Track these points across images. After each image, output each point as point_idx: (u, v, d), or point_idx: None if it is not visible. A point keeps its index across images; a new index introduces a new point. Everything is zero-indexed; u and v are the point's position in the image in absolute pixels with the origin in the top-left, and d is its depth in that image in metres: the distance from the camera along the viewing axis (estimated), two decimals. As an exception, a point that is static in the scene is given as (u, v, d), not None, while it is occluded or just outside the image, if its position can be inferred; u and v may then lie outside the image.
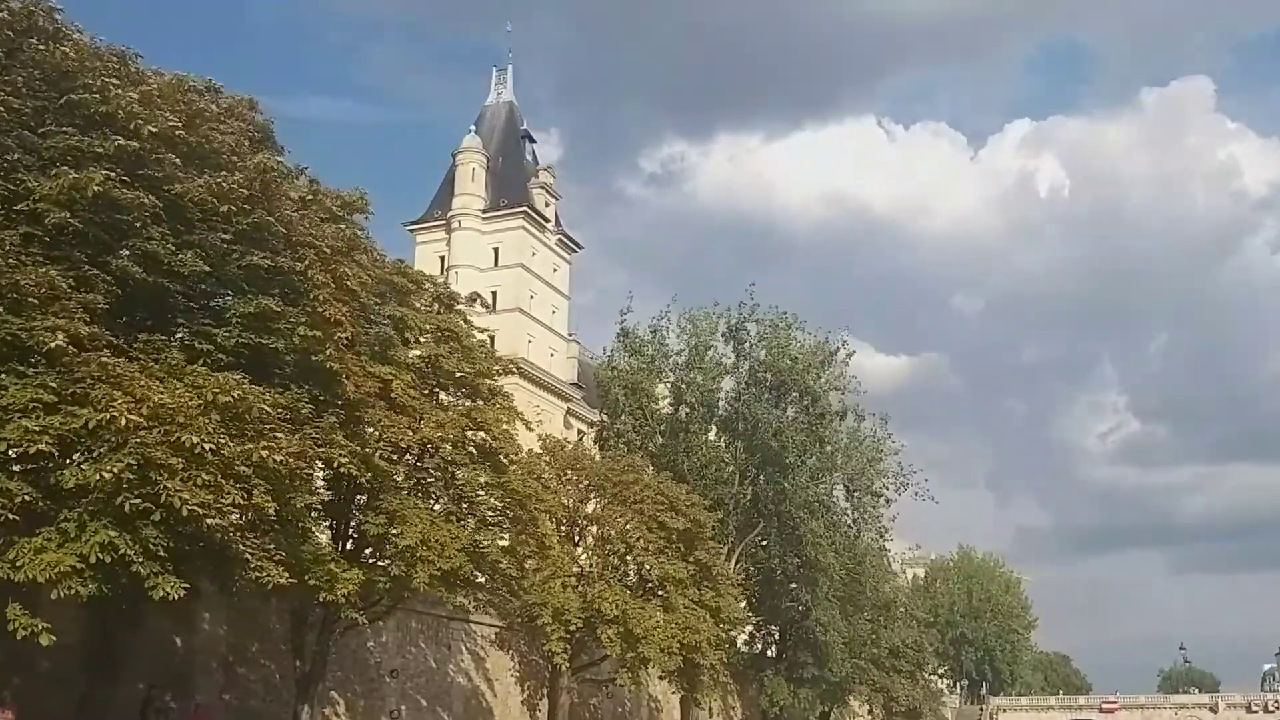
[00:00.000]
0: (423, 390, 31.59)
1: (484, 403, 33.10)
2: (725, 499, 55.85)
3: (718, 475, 55.42)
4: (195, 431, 18.96)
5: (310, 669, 32.70)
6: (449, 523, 31.10)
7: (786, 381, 55.28)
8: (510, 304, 79.27)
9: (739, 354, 56.68)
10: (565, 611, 42.07)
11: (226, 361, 23.49)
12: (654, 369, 56.60)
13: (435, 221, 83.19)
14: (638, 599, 44.35)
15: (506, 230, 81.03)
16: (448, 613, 42.67)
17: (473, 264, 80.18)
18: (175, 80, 23.63)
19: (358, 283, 27.43)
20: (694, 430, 56.36)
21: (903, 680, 67.74)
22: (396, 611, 39.56)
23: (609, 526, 43.66)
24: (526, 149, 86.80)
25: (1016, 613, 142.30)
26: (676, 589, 45.04)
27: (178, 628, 31.51)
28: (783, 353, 55.51)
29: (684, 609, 44.41)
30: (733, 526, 57.26)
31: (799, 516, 53.96)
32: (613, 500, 44.22)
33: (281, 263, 24.22)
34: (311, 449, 22.32)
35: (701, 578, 47.26)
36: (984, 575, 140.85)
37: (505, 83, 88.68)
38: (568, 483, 45.05)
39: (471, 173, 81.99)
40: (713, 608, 45.91)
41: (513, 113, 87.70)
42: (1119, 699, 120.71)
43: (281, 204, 24.56)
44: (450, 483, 31.94)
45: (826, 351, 55.80)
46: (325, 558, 27.55)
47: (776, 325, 56.09)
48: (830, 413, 56.24)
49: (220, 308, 23.95)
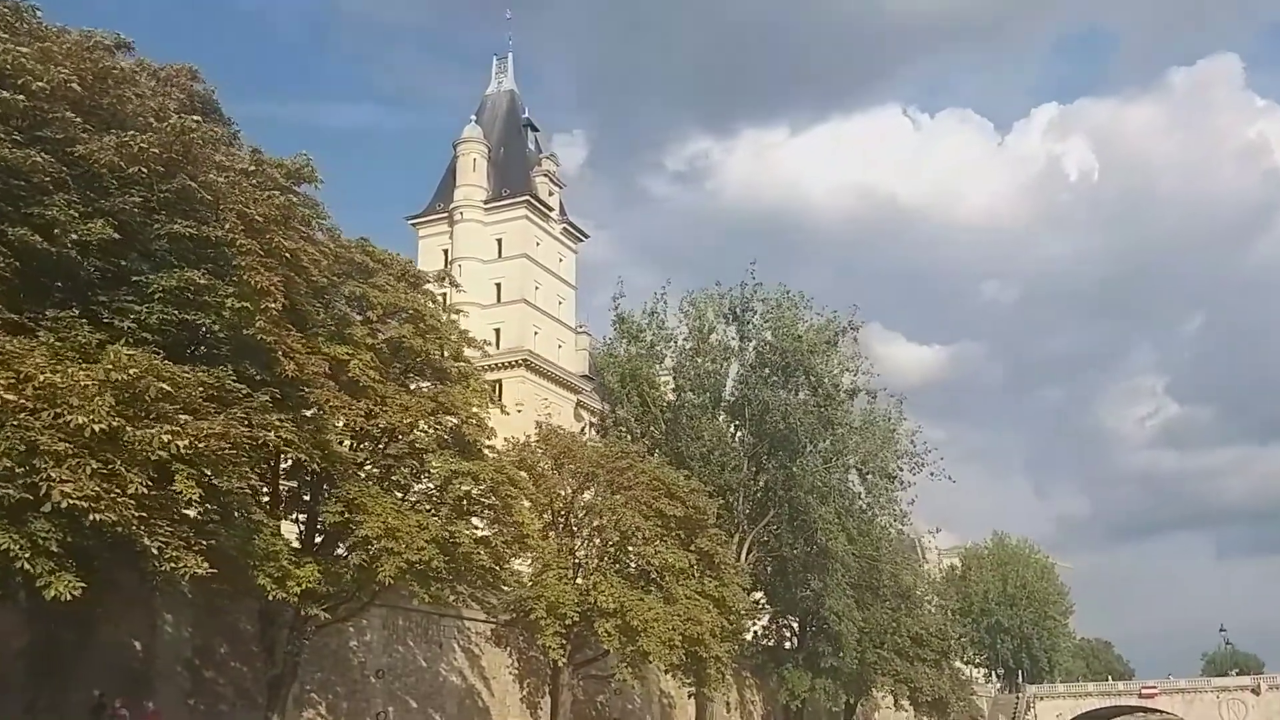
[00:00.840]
0: (387, 373, 29.84)
1: (454, 385, 31.22)
2: (733, 486, 53.88)
3: (724, 461, 53.39)
4: (86, 414, 17.18)
5: (281, 671, 31.03)
6: (417, 512, 29.36)
7: (793, 362, 53.18)
8: (515, 295, 77.61)
9: (743, 335, 54.58)
10: (560, 605, 40.22)
11: (151, 340, 21.86)
12: (653, 354, 54.61)
13: (437, 214, 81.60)
14: (636, 590, 42.48)
15: (509, 221, 79.28)
16: (438, 609, 40.90)
17: (476, 256, 78.52)
18: (82, 37, 21.89)
19: (308, 258, 25.78)
20: (698, 416, 54.35)
21: (927, 669, 65.40)
22: (381, 608, 37.97)
23: (604, 516, 41.74)
24: (529, 138, 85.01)
25: (1053, 599, 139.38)
26: (677, 579, 43.10)
27: (136, 629, 29.92)
28: (788, 332, 53.41)
29: (686, 600, 42.44)
30: (743, 514, 55.28)
31: (808, 502, 51.82)
32: (608, 488, 42.34)
33: (207, 232, 22.47)
34: (236, 430, 20.46)
35: (705, 567, 45.33)
36: (1018, 562, 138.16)
37: (506, 71, 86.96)
38: (564, 471, 43.27)
39: (473, 163, 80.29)
40: (716, 598, 43.91)
41: (514, 101, 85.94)
42: (1159, 684, 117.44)
43: (206, 169, 22.76)
44: (418, 470, 30.12)
45: (834, 329, 53.60)
46: (276, 552, 25.77)
47: (781, 304, 53.96)
48: (840, 393, 54.06)
49: (143, 282, 22.18)
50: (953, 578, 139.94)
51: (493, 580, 33.12)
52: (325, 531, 29.58)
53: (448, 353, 31.46)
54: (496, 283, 78.41)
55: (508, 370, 75.83)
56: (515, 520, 32.26)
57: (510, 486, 31.48)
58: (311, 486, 30.06)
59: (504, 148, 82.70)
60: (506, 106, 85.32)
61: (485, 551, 30.13)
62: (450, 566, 30.36)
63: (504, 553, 32.36)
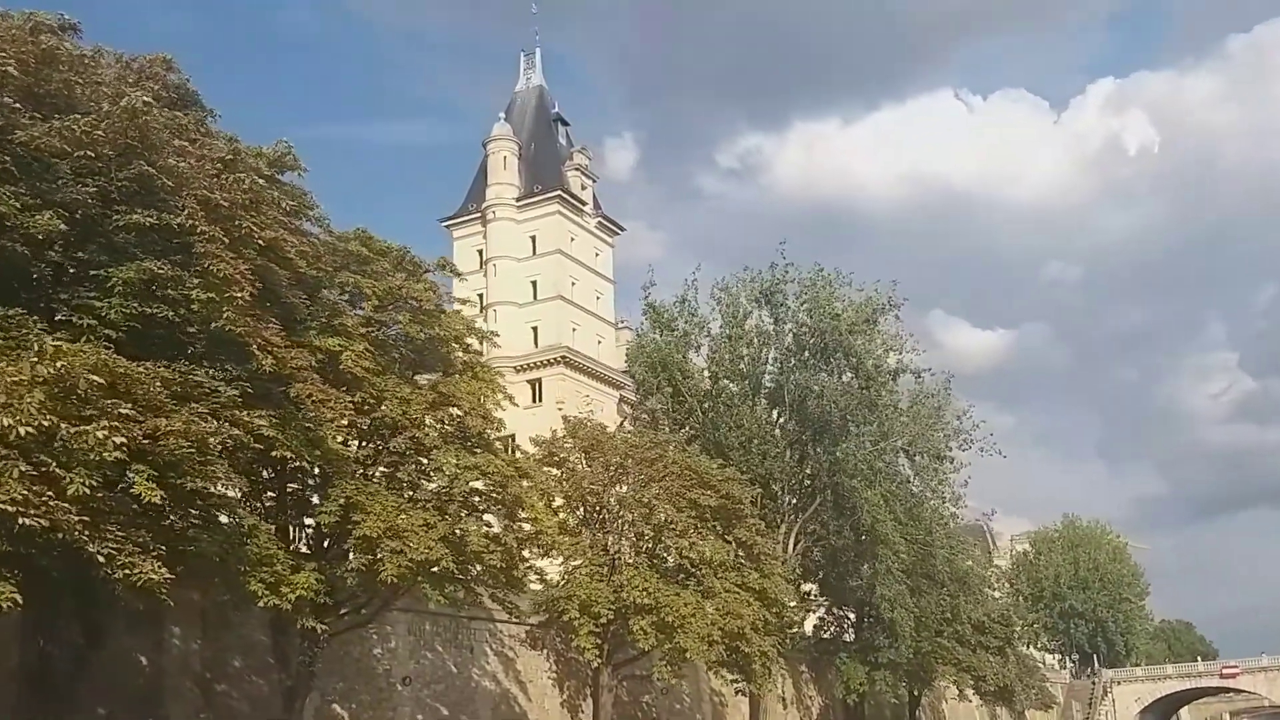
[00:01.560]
0: (387, 365, 28.54)
1: (459, 376, 29.80)
2: (777, 474, 52.06)
3: (765, 450, 51.53)
4: (12, 414, 15.95)
5: (294, 682, 29.85)
6: (424, 510, 27.97)
7: (831, 344, 51.25)
8: (551, 292, 76.36)
9: (777, 318, 52.69)
10: (593, 603, 38.78)
11: (114, 337, 20.70)
12: (686, 343, 52.93)
13: (470, 215, 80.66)
14: (673, 585, 40.89)
15: (542, 217, 78.07)
16: (468, 612, 39.63)
17: (510, 254, 77.51)
18: (24, 20, 20.75)
19: (293, 249, 24.58)
20: (737, 404, 52.60)
21: (991, 657, 62.99)
22: (405, 613, 36.81)
23: (634, 509, 40.19)
24: (559, 132, 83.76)
25: (1127, 580, 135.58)
26: (715, 572, 41.44)
27: (141, 645, 28.91)
28: (825, 312, 51.48)
29: (725, 593, 40.78)
30: (788, 503, 53.51)
31: (854, 487, 49.85)
32: (639, 480, 40.81)
33: (168, 220, 21.23)
34: (199, 427, 19.17)
35: (745, 558, 43.63)
36: (1090, 544, 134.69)
37: (534, 67, 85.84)
38: (595, 465, 41.81)
39: (503, 161, 79.19)
40: (758, 590, 42.15)
41: (543, 97, 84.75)
42: (1240, 663, 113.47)
43: (165, 154, 21.54)
44: (422, 467, 28.75)
45: (873, 307, 51.56)
46: (270, 557, 24.50)
47: (816, 284, 52.02)
48: (883, 373, 52.01)
49: (104, 276, 21.01)
50: (1023, 563, 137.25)
51: (508, 580, 31.62)
52: (326, 534, 28.30)
53: (444, 337, 29.92)
54: (532, 280, 77.29)
55: (547, 368, 74.75)
56: (530, 516, 30.76)
57: (520, 480, 29.92)
58: (314, 488, 28.84)
59: (534, 144, 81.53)
60: (535, 102, 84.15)
61: (497, 550, 28.69)
62: (463, 566, 29.07)
63: (517, 551, 30.93)
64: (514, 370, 75.09)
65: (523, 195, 78.66)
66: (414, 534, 26.69)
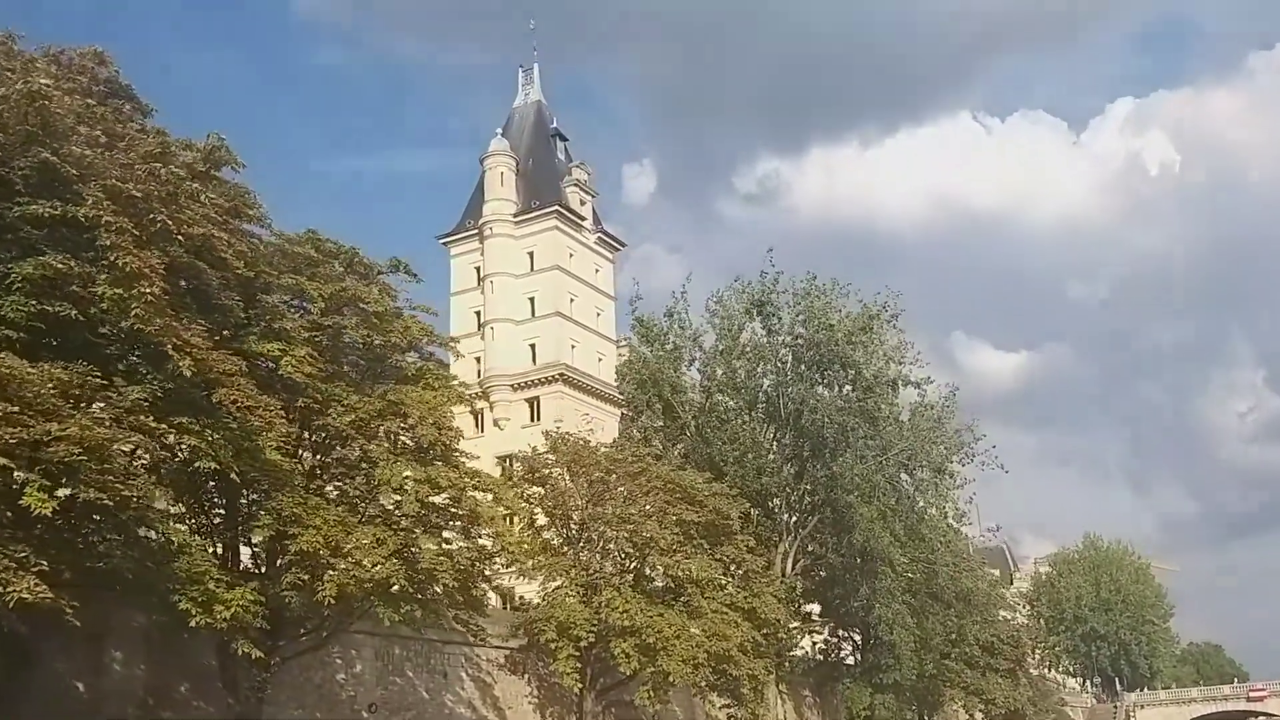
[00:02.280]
0: (334, 372, 27.09)
1: (410, 385, 28.29)
2: (773, 491, 50.30)
3: (761, 465, 49.75)
4: None
5: (244, 709, 28.28)
6: (374, 525, 26.44)
7: (827, 355, 49.50)
8: (549, 308, 74.88)
9: (770, 330, 50.97)
10: (572, 625, 37.14)
11: (15, 337, 19.33)
12: (676, 356, 51.25)
13: (468, 232, 79.36)
14: (656, 606, 39.22)
15: (540, 233, 76.68)
16: (441, 635, 37.97)
17: (508, 271, 76.10)
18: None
19: (231, 250, 23.23)
20: (731, 419, 50.91)
21: (1000, 679, 60.78)
22: (373, 636, 35.19)
23: (616, 526, 38.57)
24: (557, 148, 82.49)
25: (1150, 602, 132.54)
26: (702, 591, 39.76)
27: (79, 670, 27.37)
28: (820, 323, 49.75)
29: (711, 614, 39.08)
30: (786, 520, 51.72)
31: (850, 503, 48.01)
32: (621, 496, 39.24)
33: (73, 212, 19.85)
34: (95, 433, 17.71)
35: (733, 577, 41.96)
36: (1112, 565, 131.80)
37: (532, 82, 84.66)
38: (578, 481, 40.24)
39: (500, 177, 77.92)
40: (746, 610, 40.42)
41: (541, 112, 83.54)
42: (1268, 685, 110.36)
43: (72, 142, 20.19)
44: (372, 481, 27.20)
45: (868, 315, 49.80)
46: (201, 574, 22.96)
47: (810, 293, 50.30)
48: (882, 384, 50.18)
49: (2, 273, 19.65)
50: (1043, 585, 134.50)
51: (466, 600, 29.94)
52: (262, 551, 26.78)
53: (405, 347, 28.47)
54: (530, 297, 75.88)
55: (545, 386, 73.21)
56: (491, 531, 29.13)
57: (477, 494, 28.29)
58: (258, 502, 27.31)
59: (532, 159, 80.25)
60: (534, 118, 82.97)
61: (450, 567, 27.04)
62: (420, 585, 27.51)
63: (474, 568, 29.27)
64: (511, 388, 73.76)
65: (520, 211, 77.34)
66: (360, 550, 25.23)
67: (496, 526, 29.31)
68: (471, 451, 31.52)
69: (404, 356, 28.81)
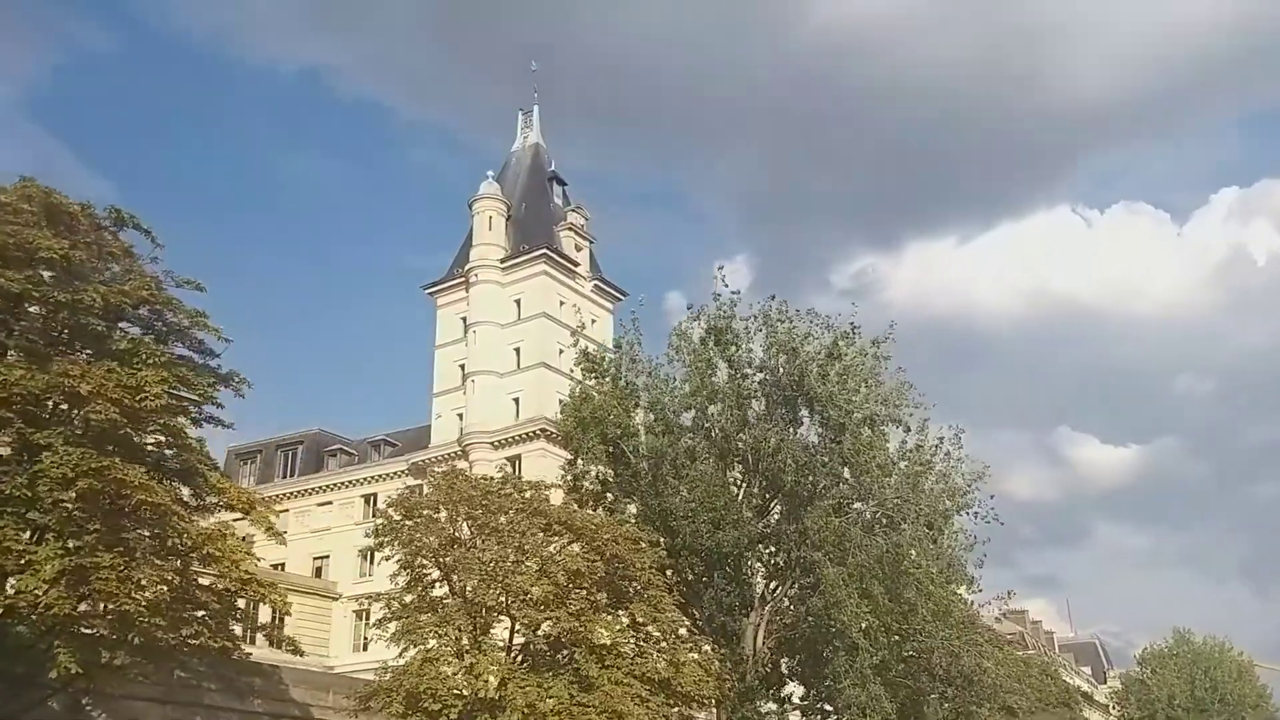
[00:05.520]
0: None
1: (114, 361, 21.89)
2: (739, 549, 42.42)
3: (718, 518, 42.04)
4: None
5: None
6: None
7: (789, 388, 42.16)
8: (534, 359, 68.59)
9: (729, 360, 43.74)
10: (427, 694, 30.11)
11: None
12: (628, 393, 44.21)
13: (454, 280, 73.93)
14: (538, 674, 32.00)
15: (528, 279, 70.84)
16: (265, 706, 31.21)
17: (493, 320, 70.29)
18: None
19: None
20: (685, 464, 43.56)
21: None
22: (160, 704, 28.52)
23: (472, 572, 31.64)
24: (554, 191, 77.02)
25: (1252, 702, 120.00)
26: (599, 658, 32.40)
27: None
28: (782, 349, 42.49)
29: (611, 684, 31.61)
30: (756, 586, 43.89)
31: (815, 560, 40.13)
32: (483, 532, 32.42)
33: None
34: None
35: (645, 640, 34.48)
36: (1208, 662, 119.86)
37: (531, 125, 79.77)
38: (455, 519, 33.57)
39: (489, 221, 72.58)
40: (656, 681, 32.75)
41: (539, 155, 78.35)
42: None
43: None
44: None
45: (835, 338, 42.34)
46: None
47: (770, 318, 43.07)
48: (855, 423, 42.45)
49: None
50: (1132, 682, 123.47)
51: (216, 647, 23.16)
52: None
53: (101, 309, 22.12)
54: (515, 347, 69.75)
55: (525, 443, 66.58)
56: (218, 553, 22.36)
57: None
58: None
59: (525, 204, 74.82)
60: (530, 161, 77.79)
61: (137, 594, 20.34)
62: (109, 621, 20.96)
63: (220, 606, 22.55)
64: (492, 446, 67.30)
65: (508, 256, 71.76)
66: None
67: (229, 552, 22.42)
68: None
69: (111, 325, 22.43)
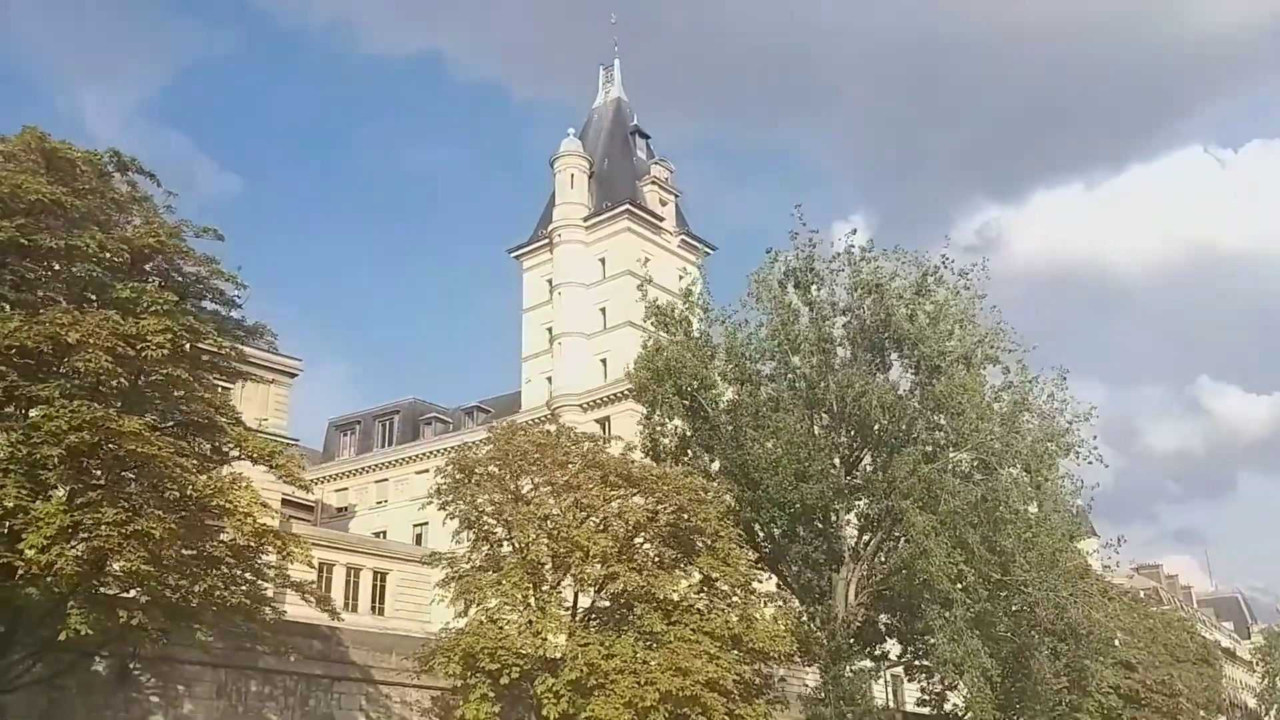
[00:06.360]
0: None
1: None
2: (819, 501, 40.41)
3: (803, 470, 40.03)
4: None
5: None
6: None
7: (869, 326, 39.94)
8: (620, 318, 67.00)
9: (810, 303, 41.53)
10: (480, 655, 29.00)
11: None
12: (698, 345, 42.35)
13: (539, 242, 72.79)
14: (605, 632, 30.66)
15: (612, 236, 69.36)
16: (326, 670, 30.44)
17: (578, 280, 69.07)
18: None
19: None
20: (763, 414, 41.65)
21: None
22: (214, 668, 27.88)
23: (528, 530, 30.37)
24: (637, 145, 75.27)
25: None
26: (665, 614, 30.91)
27: None
28: (865, 289, 40.22)
29: (675, 641, 30.10)
30: (847, 540, 41.93)
31: (903, 509, 37.90)
32: (546, 487, 31.18)
33: None
34: None
35: (715, 595, 32.86)
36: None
37: (613, 80, 78.12)
38: (514, 476, 32.38)
39: (570, 179, 71.21)
40: (726, 637, 31.05)
41: (620, 110, 76.63)
42: None
43: None
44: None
45: (923, 273, 39.90)
46: None
47: (853, 257, 40.77)
48: (949, 361, 39.97)
49: None
50: (1275, 637, 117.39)
51: (244, 608, 22.22)
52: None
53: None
54: (601, 307, 68.38)
55: (614, 404, 65.15)
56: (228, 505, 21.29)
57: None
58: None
59: (608, 160, 73.25)
60: (612, 116, 76.15)
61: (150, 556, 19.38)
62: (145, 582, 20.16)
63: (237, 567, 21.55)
64: (581, 409, 66.07)
65: (592, 214, 70.28)
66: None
67: (243, 504, 21.34)
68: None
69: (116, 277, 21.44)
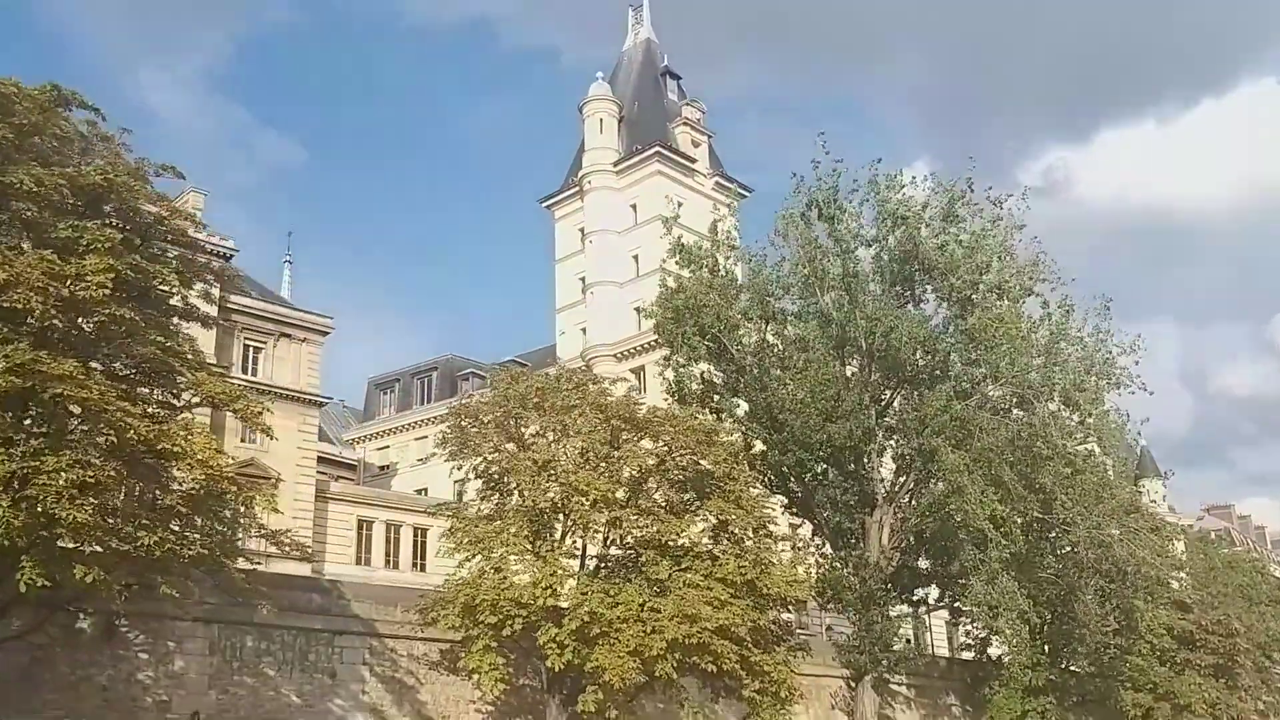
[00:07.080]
0: None
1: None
2: (848, 442, 38.87)
3: (834, 408, 38.46)
4: None
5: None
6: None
7: (896, 257, 38.16)
8: (652, 265, 65.08)
9: (835, 236, 39.70)
10: (482, 606, 28.00)
11: None
12: (722, 283, 40.72)
13: (569, 190, 71.33)
14: (611, 581, 29.55)
15: (643, 180, 67.73)
16: (326, 624, 29.61)
17: (609, 228, 67.61)
18: None
19: None
20: (789, 353, 40.15)
21: (1200, 680, 45.74)
22: (206, 624, 27.13)
23: (532, 476, 29.22)
24: (668, 87, 73.40)
25: None
26: (674, 560, 29.72)
27: None
28: (892, 219, 38.35)
29: (684, 588, 28.86)
30: (881, 477, 40.51)
31: (935, 447, 36.18)
32: (555, 430, 30.09)
33: None
34: None
35: (729, 539, 31.57)
36: None
37: (642, 21, 76.17)
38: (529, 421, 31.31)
39: (599, 124, 69.57)
40: (737, 583, 29.73)
41: (650, 51, 74.71)
42: None
43: None
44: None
45: (950, 198, 37.90)
46: None
47: (878, 186, 38.83)
48: (982, 292, 38.06)
49: None
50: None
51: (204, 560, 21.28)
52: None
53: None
54: (634, 254, 66.89)
55: (649, 353, 63.69)
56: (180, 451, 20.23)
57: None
58: None
59: (638, 103, 71.53)
60: (642, 58, 74.30)
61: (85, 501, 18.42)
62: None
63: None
64: (615, 359, 64.82)
65: (622, 159, 68.60)
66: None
67: (193, 449, 20.30)
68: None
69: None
